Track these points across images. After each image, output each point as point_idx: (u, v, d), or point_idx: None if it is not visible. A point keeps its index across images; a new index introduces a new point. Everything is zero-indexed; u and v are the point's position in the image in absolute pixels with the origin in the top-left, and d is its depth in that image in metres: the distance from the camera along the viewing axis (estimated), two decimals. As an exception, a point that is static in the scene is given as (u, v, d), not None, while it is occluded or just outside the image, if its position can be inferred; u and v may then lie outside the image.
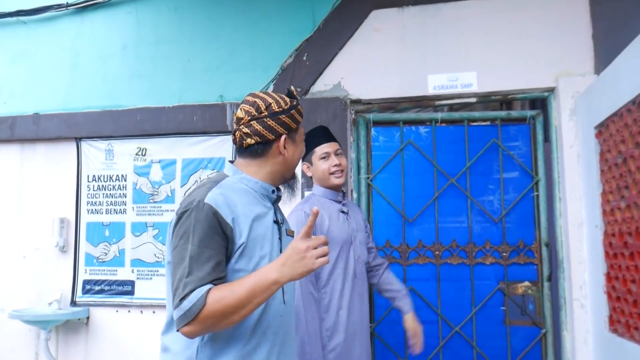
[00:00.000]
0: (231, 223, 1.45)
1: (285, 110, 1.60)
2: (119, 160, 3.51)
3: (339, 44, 3.33)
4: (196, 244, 1.39)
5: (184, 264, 1.38)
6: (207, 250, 1.40)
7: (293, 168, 1.69)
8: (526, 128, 3.24)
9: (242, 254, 1.47)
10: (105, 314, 3.45)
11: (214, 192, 1.47)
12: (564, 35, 3.09)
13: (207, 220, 1.41)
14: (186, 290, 1.34)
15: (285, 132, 1.60)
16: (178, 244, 1.43)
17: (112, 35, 3.66)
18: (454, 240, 3.19)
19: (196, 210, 1.42)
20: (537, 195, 3.16)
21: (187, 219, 1.43)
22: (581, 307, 2.90)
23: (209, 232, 1.41)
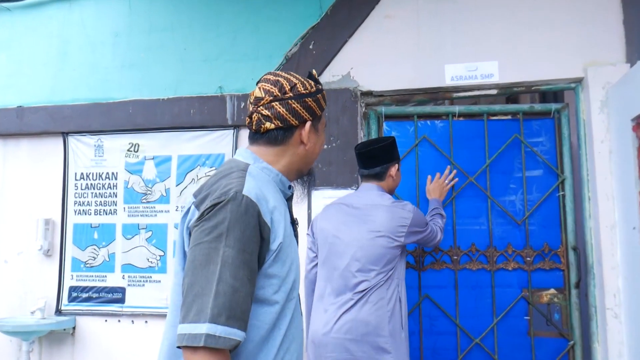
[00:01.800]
0: (269, 222, 1.20)
1: (311, 93, 1.36)
2: (109, 156, 3.25)
3: (348, 32, 3.08)
4: (234, 247, 1.12)
5: (215, 269, 1.11)
6: (247, 258, 1.14)
7: (312, 161, 1.45)
8: (551, 122, 2.99)
9: (277, 257, 1.22)
10: (93, 324, 3.17)
11: (250, 182, 1.21)
12: (592, 22, 2.86)
13: (247, 218, 1.15)
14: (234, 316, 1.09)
15: (310, 118, 1.37)
16: (201, 243, 1.14)
17: (103, 23, 3.40)
18: (473, 244, 2.93)
19: (233, 203, 1.15)
20: (563, 195, 2.91)
21: (221, 212, 1.14)
22: (615, 317, 2.65)
23: (250, 234, 1.15)
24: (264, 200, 1.20)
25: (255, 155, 1.35)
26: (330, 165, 2.95)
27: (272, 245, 1.21)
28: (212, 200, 1.17)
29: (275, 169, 1.35)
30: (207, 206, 1.17)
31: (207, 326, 1.05)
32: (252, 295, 1.15)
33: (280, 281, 1.23)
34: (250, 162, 1.33)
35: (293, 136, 1.36)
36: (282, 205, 1.29)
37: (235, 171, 1.26)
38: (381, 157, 2.46)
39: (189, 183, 3.12)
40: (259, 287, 1.20)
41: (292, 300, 1.28)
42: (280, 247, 1.22)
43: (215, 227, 1.13)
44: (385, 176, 2.46)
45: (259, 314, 1.20)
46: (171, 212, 3.12)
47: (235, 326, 1.08)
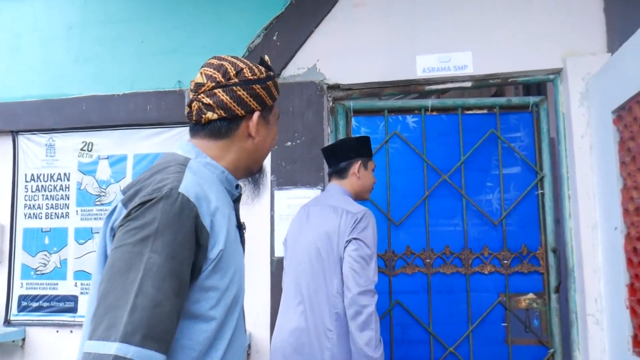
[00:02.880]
0: (209, 226, 1.02)
1: (261, 79, 1.20)
2: (61, 156, 3.05)
3: (314, 22, 2.90)
4: (162, 253, 0.94)
5: (135, 284, 0.91)
6: (177, 267, 0.95)
7: (262, 158, 1.30)
8: (529, 117, 2.82)
9: (217, 266, 1.04)
10: (43, 335, 2.96)
11: (189, 179, 1.04)
12: (571, 10, 2.70)
13: (182, 220, 0.98)
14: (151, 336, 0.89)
15: (259, 107, 1.21)
16: (126, 243, 0.95)
17: (56, 16, 3.20)
18: (447, 246, 2.75)
19: (166, 202, 0.97)
20: (542, 193, 2.75)
21: (151, 211, 0.97)
22: (596, 324, 2.47)
23: (183, 239, 0.97)
24: (204, 200, 1.03)
25: (197, 149, 1.17)
26: (295, 163, 2.77)
27: (211, 252, 1.03)
28: (141, 197, 0.99)
29: (220, 166, 1.18)
30: (135, 204, 0.98)
31: (117, 346, 0.86)
32: (179, 311, 0.96)
33: (219, 294, 1.05)
34: (191, 156, 1.15)
35: (239, 128, 1.20)
36: (226, 206, 1.12)
37: (172, 165, 1.08)
38: (343, 153, 2.25)
39: (146, 184, 2.92)
40: (193, 301, 1.02)
41: (233, 316, 1.10)
42: (221, 255, 1.04)
43: (142, 228, 0.95)
44: (347, 174, 2.24)
45: (192, 333, 1.02)
46: (127, 215, 2.92)
47: (152, 347, 0.89)
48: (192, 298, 1.01)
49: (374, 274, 1.94)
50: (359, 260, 1.93)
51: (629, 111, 2.17)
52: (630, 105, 2.15)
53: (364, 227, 1.98)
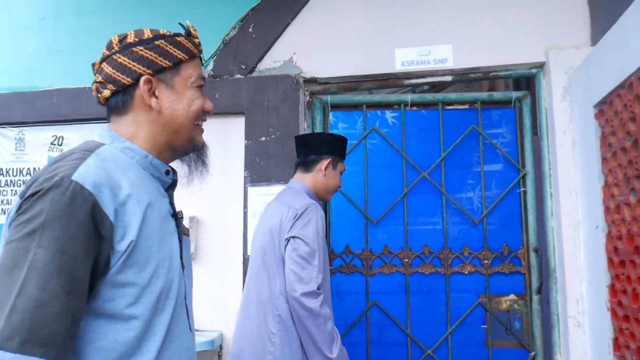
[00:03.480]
0: (112, 216, 0.91)
1: (144, 40, 1.08)
2: (31, 150, 2.97)
3: (290, 14, 2.82)
4: (50, 249, 0.84)
5: (17, 284, 0.82)
6: (68, 263, 0.85)
7: (184, 129, 1.12)
8: (511, 112, 2.75)
9: (130, 259, 0.94)
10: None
11: (88, 164, 0.94)
12: (555, 2, 2.63)
13: (73, 211, 0.87)
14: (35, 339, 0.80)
15: (148, 71, 1.07)
16: (13, 239, 0.86)
17: (28, 7, 3.12)
18: (426, 245, 2.67)
19: (55, 192, 0.88)
20: (525, 191, 2.67)
21: (38, 203, 0.87)
22: (578, 326, 2.39)
23: (75, 231, 0.86)
24: (108, 187, 0.92)
25: (114, 133, 1.07)
26: (269, 158, 2.68)
27: (119, 245, 0.92)
28: (32, 188, 0.89)
29: (141, 149, 1.07)
30: (26, 196, 0.89)
31: None
32: (74, 310, 0.85)
33: (137, 290, 0.95)
34: (106, 142, 1.05)
35: (134, 99, 1.08)
36: (147, 194, 1.01)
37: (76, 152, 0.98)
38: (315, 146, 2.15)
39: (117, 179, 2.84)
40: (105, 299, 0.92)
41: (163, 314, 1.00)
42: (133, 246, 0.94)
43: (29, 222, 0.86)
44: (313, 168, 2.13)
45: (108, 333, 0.92)
46: (97, 211, 2.85)
47: (35, 353, 0.79)
48: (103, 296, 0.91)
49: (318, 272, 1.82)
50: (299, 260, 1.83)
51: (610, 105, 2.09)
52: (611, 99, 2.07)
53: (305, 224, 1.87)
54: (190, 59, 1.13)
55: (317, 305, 1.77)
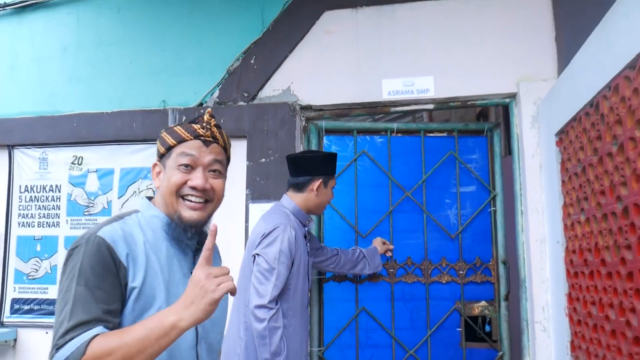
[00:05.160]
0: (125, 261, 1.22)
1: (161, 134, 1.39)
2: (53, 169, 3.27)
3: (289, 47, 3.12)
4: (82, 284, 1.15)
5: (66, 308, 1.14)
6: (96, 291, 1.16)
7: (166, 201, 1.34)
8: (484, 140, 3.05)
9: (138, 300, 1.23)
10: (34, 336, 3.17)
11: (111, 225, 1.26)
12: (525, 38, 2.90)
13: (97, 256, 1.18)
14: (65, 338, 1.09)
15: (158, 157, 1.39)
16: (62, 285, 1.19)
17: (52, 37, 3.43)
18: (409, 257, 2.96)
19: (86, 245, 1.19)
20: (495, 210, 2.96)
21: (76, 255, 1.19)
22: (543, 331, 2.66)
23: (99, 270, 1.17)
24: (123, 242, 1.23)
25: (149, 203, 1.38)
26: (268, 178, 2.98)
27: (132, 282, 1.22)
28: (72, 245, 1.23)
29: (165, 216, 1.34)
30: (68, 252, 1.23)
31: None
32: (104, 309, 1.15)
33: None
34: (142, 209, 1.37)
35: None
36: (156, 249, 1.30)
37: (113, 218, 1.31)
38: (305, 168, 2.40)
39: (131, 196, 3.14)
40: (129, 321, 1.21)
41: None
42: (139, 289, 1.23)
43: (71, 270, 1.19)
44: (305, 189, 2.39)
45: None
46: (113, 224, 3.13)
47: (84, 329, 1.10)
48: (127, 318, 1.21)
49: (273, 289, 2.05)
50: (259, 275, 2.09)
51: (566, 134, 2.37)
52: (567, 129, 2.35)
53: (268, 243, 2.12)
54: (179, 143, 1.33)
55: (267, 318, 2.01)
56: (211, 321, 1.34)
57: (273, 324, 2.01)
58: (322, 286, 2.96)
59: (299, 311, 2.20)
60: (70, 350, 1.07)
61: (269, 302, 2.04)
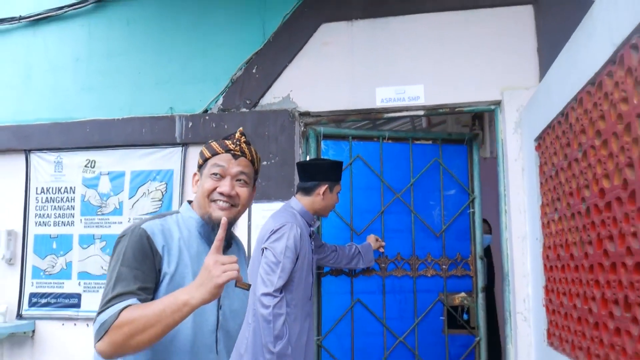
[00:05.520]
0: (161, 251, 1.45)
1: (201, 149, 1.63)
2: (67, 172, 3.48)
3: (288, 57, 3.33)
4: (125, 265, 1.39)
5: (110, 283, 1.38)
6: (135, 271, 1.39)
7: (200, 204, 1.56)
8: (464, 149, 3.30)
9: (170, 285, 1.45)
10: (51, 328, 3.39)
11: (154, 221, 1.50)
12: (509, 49, 3.11)
13: (139, 244, 1.42)
14: (107, 305, 1.33)
15: (198, 168, 1.63)
16: (109, 266, 1.44)
17: (65, 48, 3.65)
18: (399, 253, 3.20)
19: (131, 234, 1.44)
20: (473, 212, 3.22)
21: (121, 242, 1.44)
22: (524, 321, 2.88)
23: (139, 255, 1.41)
24: (160, 235, 1.46)
25: (189, 206, 1.62)
26: (269, 180, 3.19)
27: (164, 269, 1.45)
28: (120, 234, 1.47)
29: (199, 218, 1.56)
30: (117, 239, 1.47)
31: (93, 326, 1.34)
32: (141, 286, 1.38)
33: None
34: (182, 210, 1.61)
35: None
36: (193, 247, 1.52)
37: (156, 216, 1.55)
38: (313, 174, 2.63)
39: (141, 196, 3.35)
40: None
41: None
42: (171, 276, 1.45)
43: (117, 254, 1.43)
44: (313, 193, 2.62)
45: None
46: (124, 223, 3.35)
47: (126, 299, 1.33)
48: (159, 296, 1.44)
49: (278, 280, 2.28)
50: (266, 267, 2.32)
51: (543, 140, 2.59)
52: (544, 135, 2.57)
53: (276, 239, 2.35)
54: (213, 156, 1.56)
55: (272, 305, 2.23)
56: (231, 312, 1.57)
57: (277, 310, 2.23)
58: (320, 280, 3.18)
59: (301, 302, 2.42)
60: (109, 314, 1.30)
61: (274, 291, 2.26)
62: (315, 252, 2.75)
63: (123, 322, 1.28)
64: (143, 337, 1.28)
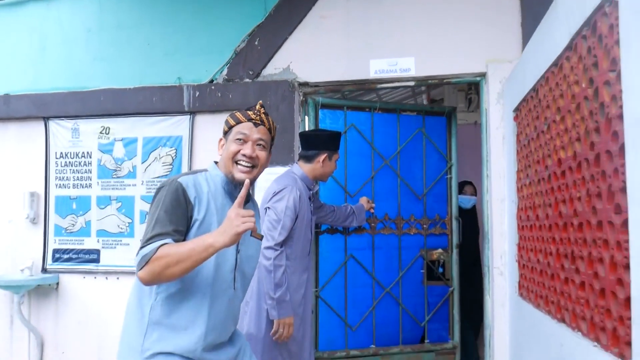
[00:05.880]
0: (193, 201, 1.74)
1: (227, 118, 1.91)
2: (84, 138, 3.76)
3: (288, 30, 3.54)
4: (163, 210, 1.69)
5: (151, 224, 1.68)
6: (171, 216, 1.69)
7: (225, 164, 1.84)
8: (444, 120, 3.61)
9: (199, 229, 1.75)
10: (73, 280, 3.74)
11: (187, 176, 1.79)
12: (495, 23, 3.31)
13: (175, 194, 1.71)
14: (147, 242, 1.63)
15: (223, 134, 1.91)
16: (150, 211, 1.75)
17: (77, 20, 3.85)
18: (387, 214, 3.55)
19: (168, 186, 1.73)
20: (450, 177, 3.58)
21: (161, 192, 1.74)
22: (500, 275, 3.20)
23: (175, 203, 1.71)
24: (192, 187, 1.76)
25: (214, 165, 1.91)
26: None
27: (194, 215, 1.75)
28: (159, 186, 1.78)
29: (223, 175, 1.85)
30: (156, 190, 1.78)
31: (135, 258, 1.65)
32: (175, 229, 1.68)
33: None
34: (209, 168, 1.90)
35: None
36: (218, 198, 1.82)
37: (188, 173, 1.86)
38: (314, 143, 2.90)
39: (153, 161, 3.63)
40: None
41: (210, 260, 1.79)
42: (200, 221, 1.75)
43: (157, 201, 1.73)
44: (313, 160, 2.90)
45: None
46: (137, 185, 3.65)
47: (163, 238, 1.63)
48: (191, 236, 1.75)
49: (279, 235, 2.58)
50: (268, 224, 2.63)
51: (520, 112, 2.84)
52: (520, 107, 2.82)
53: (278, 199, 2.65)
54: (237, 124, 1.84)
55: (272, 257, 2.55)
56: (247, 256, 1.89)
57: (277, 262, 2.54)
58: (318, 238, 3.49)
59: (299, 256, 2.73)
60: (150, 249, 1.60)
61: (275, 245, 2.57)
62: (315, 212, 3.04)
63: (160, 255, 1.59)
64: (175, 269, 1.59)
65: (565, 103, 1.98)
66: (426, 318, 3.61)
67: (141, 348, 1.71)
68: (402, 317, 3.57)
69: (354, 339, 3.49)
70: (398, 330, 3.56)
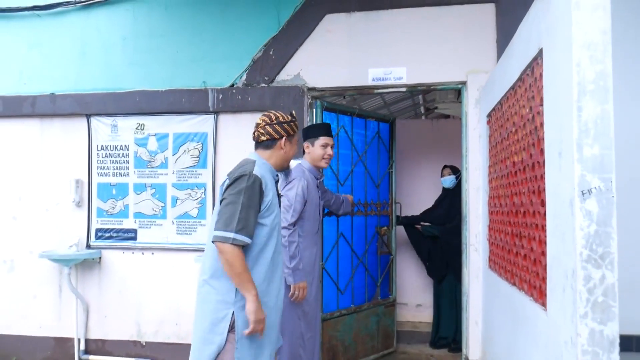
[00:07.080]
0: (264, 189, 2.28)
1: (286, 121, 2.50)
2: (122, 133, 4.34)
3: (299, 42, 4.12)
4: (247, 198, 2.20)
5: (237, 207, 2.17)
6: (253, 204, 2.22)
7: (288, 161, 2.51)
8: (388, 126, 4.58)
9: (267, 210, 2.31)
10: (113, 255, 4.36)
11: (257, 169, 2.29)
12: (474, 39, 3.91)
13: (255, 186, 2.23)
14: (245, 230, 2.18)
15: (285, 135, 2.48)
16: (230, 194, 2.21)
17: (114, 29, 4.40)
18: (359, 199, 4.34)
19: (249, 177, 2.23)
20: (392, 172, 4.56)
21: (242, 182, 2.22)
22: (475, 251, 3.85)
23: (256, 198, 2.23)
24: (263, 178, 2.30)
25: (258, 156, 2.46)
26: (284, 142, 4.08)
27: (265, 200, 2.30)
28: (236, 175, 2.28)
29: (269, 164, 2.44)
30: (233, 178, 2.29)
31: (233, 234, 2.19)
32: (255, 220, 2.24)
33: (270, 220, 2.34)
34: (255, 160, 2.41)
35: (276, 145, 2.48)
36: (271, 183, 2.39)
37: (249, 164, 2.36)
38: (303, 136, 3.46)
39: (182, 154, 4.23)
40: (261, 217, 2.30)
41: (274, 233, 2.37)
42: (269, 203, 2.32)
43: (239, 189, 2.23)
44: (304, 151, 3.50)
45: (259, 230, 2.30)
46: (169, 175, 4.25)
47: (244, 234, 2.20)
48: (262, 216, 2.31)
49: (291, 217, 3.15)
50: (282, 209, 3.23)
51: (491, 117, 3.46)
52: (491, 113, 3.44)
53: (289, 188, 3.22)
54: (294, 133, 2.51)
55: (287, 235, 3.12)
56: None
57: (291, 238, 3.16)
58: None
59: (310, 234, 3.35)
60: (239, 238, 2.15)
61: (289, 225, 3.18)
62: (322, 197, 3.66)
63: (236, 255, 2.16)
64: (228, 270, 2.20)
65: (517, 120, 2.60)
66: (379, 279, 4.59)
67: (234, 300, 2.23)
68: (367, 280, 4.46)
69: (341, 300, 4.19)
70: (364, 291, 4.44)
